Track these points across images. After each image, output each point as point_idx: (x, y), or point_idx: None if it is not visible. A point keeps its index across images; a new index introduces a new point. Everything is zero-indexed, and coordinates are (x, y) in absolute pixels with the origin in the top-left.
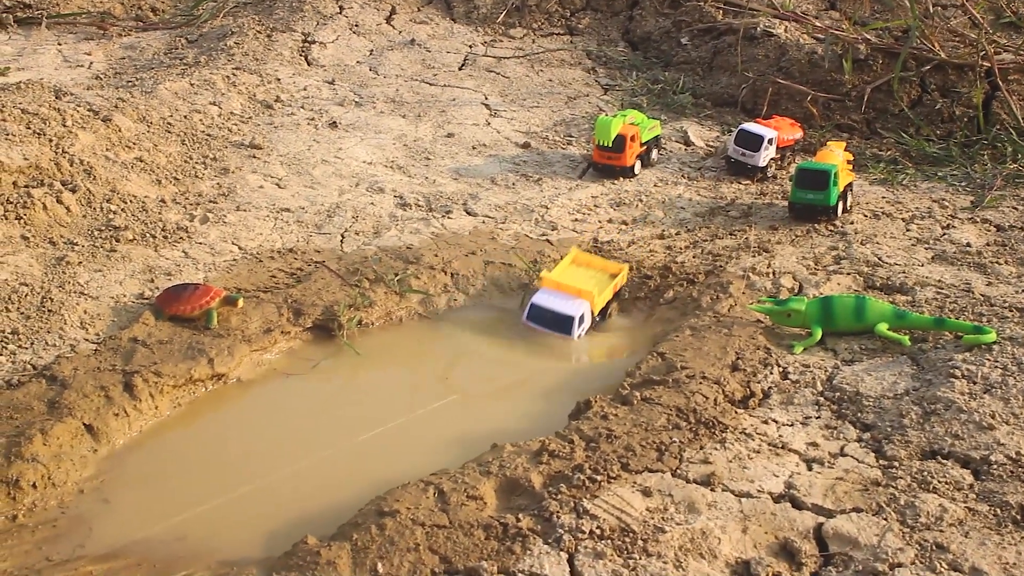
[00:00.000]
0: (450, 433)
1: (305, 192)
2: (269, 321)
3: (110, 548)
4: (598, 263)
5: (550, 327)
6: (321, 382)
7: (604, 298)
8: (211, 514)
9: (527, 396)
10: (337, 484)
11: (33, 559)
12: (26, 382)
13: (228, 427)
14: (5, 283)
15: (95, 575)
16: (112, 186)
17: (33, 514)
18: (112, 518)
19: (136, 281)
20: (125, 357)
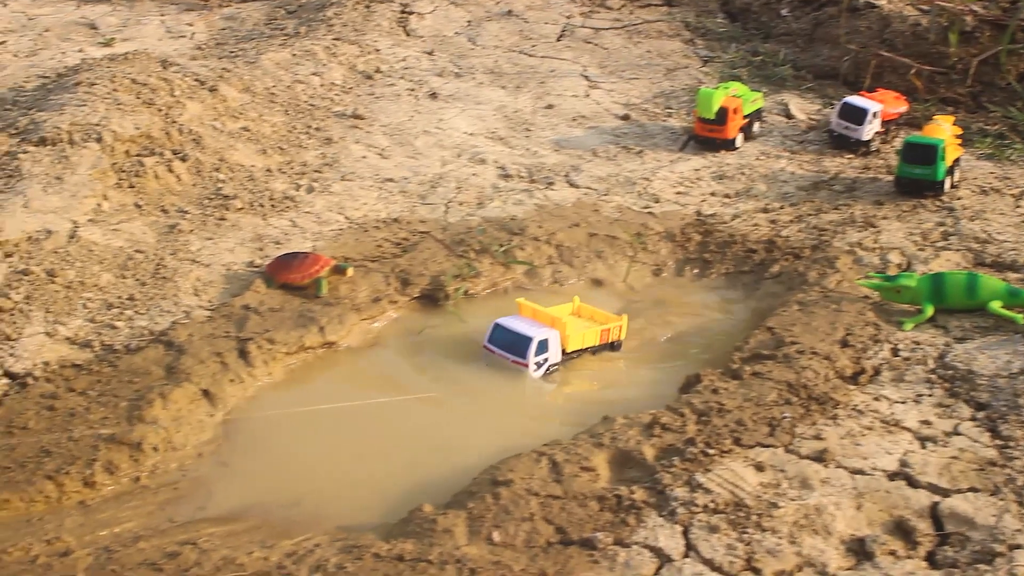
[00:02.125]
0: (559, 404)
1: (408, 162)
2: (377, 290)
3: (229, 511)
4: (600, 316)
5: (507, 351)
6: (430, 351)
7: (581, 338)
8: (326, 480)
9: (635, 368)
10: (448, 452)
11: (156, 520)
12: (144, 347)
13: (340, 394)
14: (121, 250)
15: (216, 536)
16: (220, 155)
17: (155, 476)
18: (230, 482)
19: (246, 249)
20: (238, 324)
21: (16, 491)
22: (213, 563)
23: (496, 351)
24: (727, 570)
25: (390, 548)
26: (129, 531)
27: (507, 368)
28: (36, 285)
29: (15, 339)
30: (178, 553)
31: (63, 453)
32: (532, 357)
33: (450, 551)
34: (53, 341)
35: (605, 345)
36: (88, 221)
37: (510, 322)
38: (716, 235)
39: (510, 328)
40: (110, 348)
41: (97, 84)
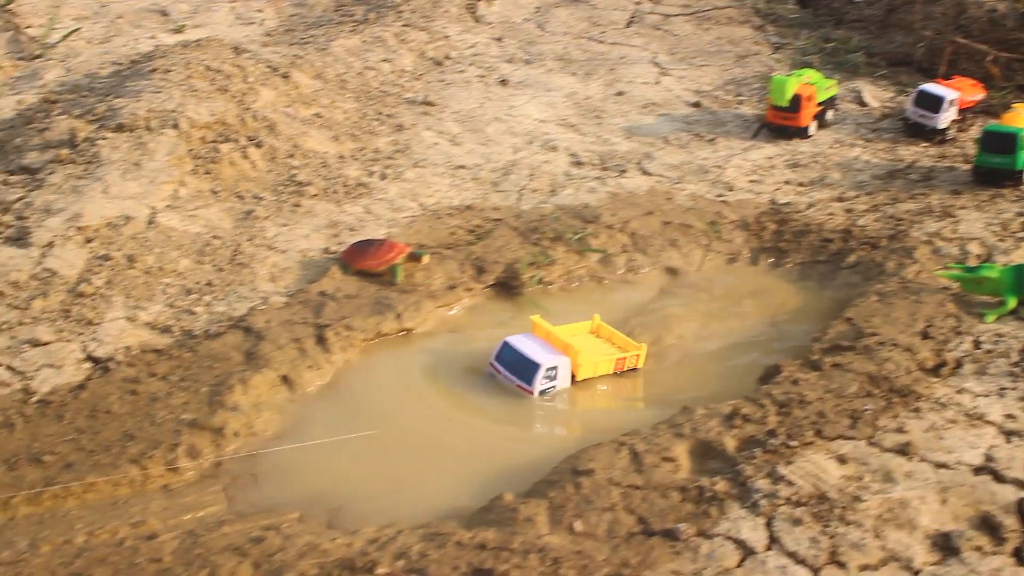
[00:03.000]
0: (637, 393)
1: (480, 149)
2: (452, 277)
3: (308, 496)
4: (619, 339)
5: (513, 373)
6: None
7: (594, 367)
8: (404, 467)
9: (713, 359)
10: (526, 440)
11: (239, 505)
12: (223, 333)
13: (416, 381)
14: (198, 236)
15: (299, 522)
16: (294, 142)
17: (236, 461)
18: (309, 468)
19: (321, 235)
20: (315, 310)
21: (102, 474)
22: (297, 549)
23: (501, 372)
24: (811, 563)
25: (472, 536)
26: (213, 515)
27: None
28: (116, 270)
29: (97, 324)
30: (262, 538)
31: (147, 437)
32: (539, 384)
33: (532, 540)
34: (134, 326)
35: (619, 375)
36: (166, 207)
37: (520, 342)
38: (791, 224)
39: (519, 349)
40: (189, 333)
41: (172, 71)
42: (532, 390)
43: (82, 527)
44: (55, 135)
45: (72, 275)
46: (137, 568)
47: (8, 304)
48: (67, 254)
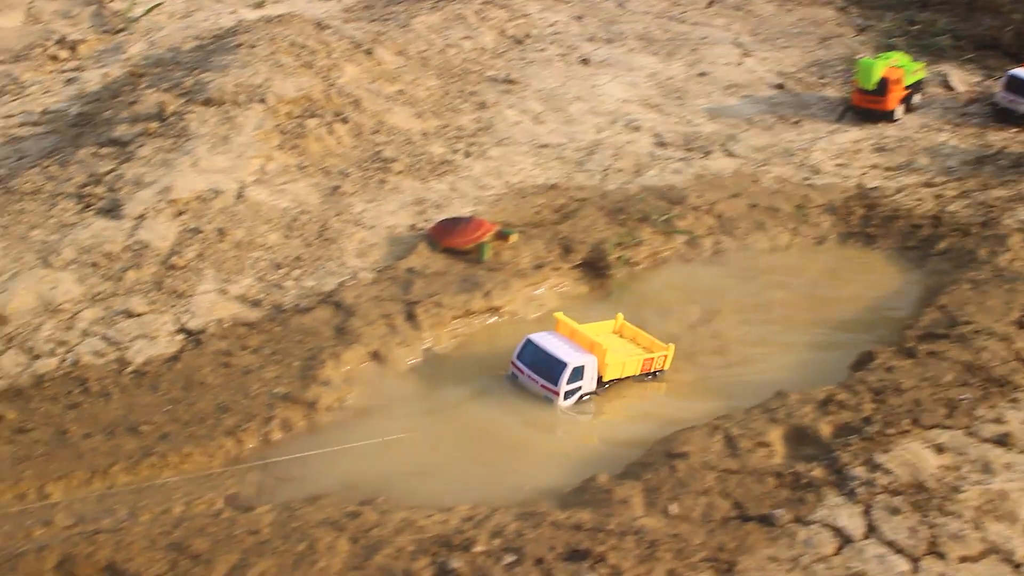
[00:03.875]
0: (727, 377)
1: (563, 128)
2: (539, 257)
3: (403, 473)
4: (644, 339)
5: (538, 373)
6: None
7: (621, 367)
8: (497, 446)
9: (803, 344)
10: (617, 421)
11: (332, 479)
12: (313, 307)
13: (506, 360)
14: (286, 211)
15: (394, 498)
16: (378, 118)
17: (329, 435)
18: (402, 444)
19: (407, 212)
20: (404, 287)
21: (198, 445)
22: (394, 524)
23: (525, 371)
24: (910, 553)
25: (567, 517)
26: (308, 489)
27: (670, 338)
28: (207, 244)
29: (189, 296)
30: (358, 514)
31: (241, 410)
32: (564, 385)
33: (628, 522)
34: (225, 299)
35: (646, 375)
36: (254, 181)
37: (544, 340)
38: (879, 209)
39: (543, 348)
40: (279, 307)
41: (257, 46)
42: (558, 391)
43: (180, 497)
44: (144, 108)
45: (164, 247)
46: (235, 540)
47: (102, 275)
48: (159, 226)
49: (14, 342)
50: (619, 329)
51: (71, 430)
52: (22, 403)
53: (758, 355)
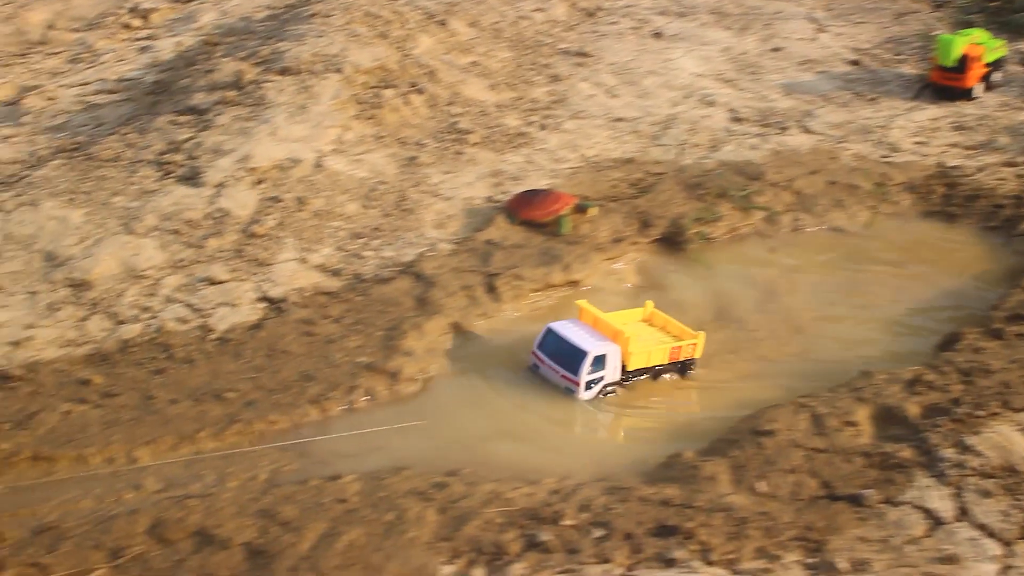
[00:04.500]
0: (814, 355)
1: (637, 102)
2: (618, 230)
3: (486, 444)
4: (674, 327)
5: (558, 363)
6: (672, 296)
7: (647, 356)
8: (580, 420)
9: (885, 323)
10: (698, 398)
11: (418, 450)
12: (393, 277)
13: None
14: (364, 181)
15: (480, 470)
16: (453, 89)
17: (411, 405)
18: (483, 416)
19: (484, 184)
20: (483, 258)
21: (284, 413)
22: (481, 496)
23: (545, 361)
24: (1003, 536)
25: (654, 492)
26: (395, 459)
27: (750, 317)
28: (287, 212)
29: (270, 264)
30: (445, 484)
31: (325, 379)
32: (585, 375)
33: (716, 499)
34: (305, 268)
35: (674, 365)
36: (332, 151)
37: (565, 329)
38: (960, 188)
39: (564, 337)
40: (359, 277)
41: (332, 16)
42: (578, 380)
43: (266, 464)
44: (221, 77)
45: (244, 215)
46: (323, 508)
47: (184, 242)
48: (239, 194)
49: (99, 307)
50: (648, 317)
51: (157, 396)
52: (108, 368)
53: (838, 333)
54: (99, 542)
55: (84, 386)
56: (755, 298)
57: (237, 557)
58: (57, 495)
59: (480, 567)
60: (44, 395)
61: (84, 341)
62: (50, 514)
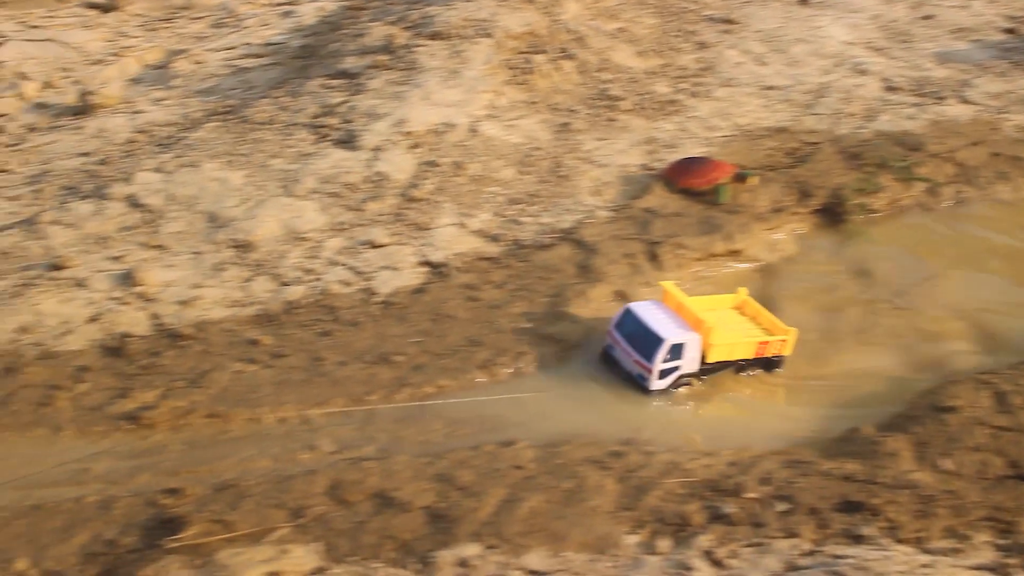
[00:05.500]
0: (988, 330)
1: (787, 70)
2: (777, 200)
3: (659, 417)
4: (765, 319)
5: (632, 346)
6: (833, 268)
7: (729, 349)
8: (751, 390)
9: None
10: (868, 371)
11: (590, 417)
12: (553, 244)
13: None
14: (518, 146)
15: (656, 439)
16: (602, 55)
17: (582, 370)
18: None
19: (638, 151)
20: (642, 226)
21: (452, 377)
22: (659, 466)
23: (620, 343)
24: None
25: (835, 467)
26: (567, 426)
27: (916, 290)
28: (444, 177)
29: (429, 229)
30: (622, 454)
31: (492, 344)
32: (659, 363)
33: (900, 475)
34: (464, 233)
35: (759, 361)
36: (485, 116)
37: (644, 311)
38: None
39: (642, 319)
40: (519, 243)
41: None
42: (651, 368)
43: (440, 428)
44: (371, 41)
45: (402, 179)
46: (499, 473)
47: (344, 205)
48: (396, 158)
49: (262, 268)
50: (740, 305)
51: (326, 357)
52: (275, 329)
53: (1013, 311)
54: (280, 501)
55: (253, 346)
56: (916, 269)
57: (418, 520)
58: (233, 453)
59: (665, 538)
60: (215, 354)
61: (250, 301)
62: (228, 471)
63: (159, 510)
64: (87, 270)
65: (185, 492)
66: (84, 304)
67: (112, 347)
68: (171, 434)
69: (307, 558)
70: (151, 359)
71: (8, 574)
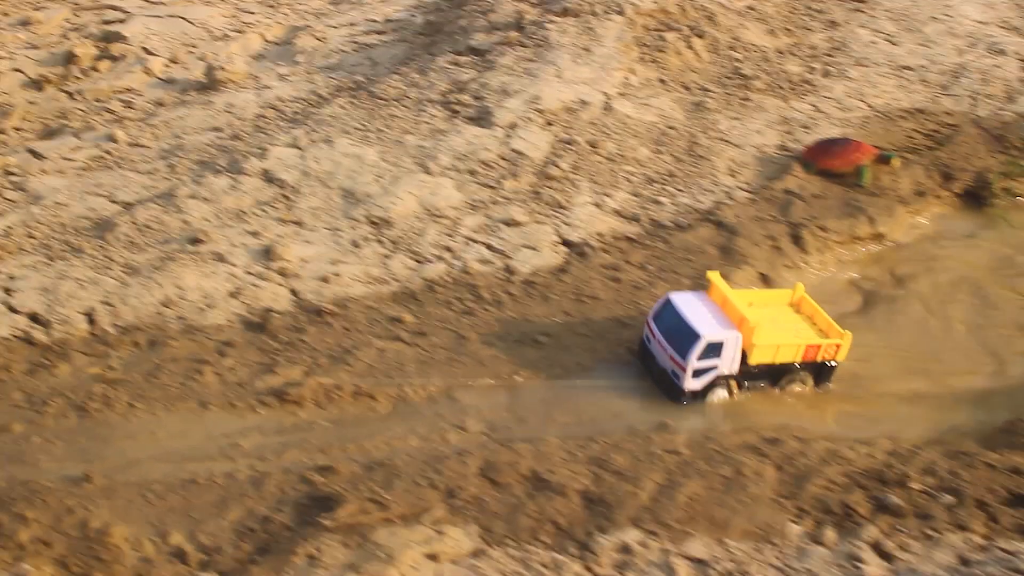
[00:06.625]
0: None
1: (921, 50)
2: (919, 183)
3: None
4: (821, 320)
5: (668, 340)
6: (975, 253)
7: (773, 351)
8: (911, 371)
9: None
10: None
11: (740, 409)
12: (693, 225)
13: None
14: (653, 125)
15: (813, 426)
16: (733, 33)
17: None
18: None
19: (774, 132)
20: (782, 208)
21: (599, 359)
22: (818, 454)
23: (656, 336)
24: None
25: (1000, 459)
26: (717, 410)
27: None
28: (580, 155)
29: (567, 207)
30: (778, 440)
31: (638, 325)
32: (694, 361)
33: None
34: (602, 212)
35: (809, 365)
36: (618, 94)
37: (686, 304)
38: None
39: (681, 313)
40: (658, 223)
41: None
42: (685, 366)
43: (589, 408)
44: (500, 17)
45: (538, 157)
46: (655, 458)
47: (480, 183)
48: (531, 136)
49: (400, 246)
50: (796, 303)
51: (469, 336)
52: (417, 306)
53: None
54: (432, 481)
55: (396, 324)
56: None
57: (575, 504)
58: (381, 431)
59: (830, 528)
60: (357, 331)
61: (390, 279)
62: (378, 450)
63: (311, 487)
64: (226, 244)
65: (337, 470)
66: (225, 278)
67: (255, 322)
68: (317, 411)
69: (464, 540)
70: (294, 335)
71: (165, 548)
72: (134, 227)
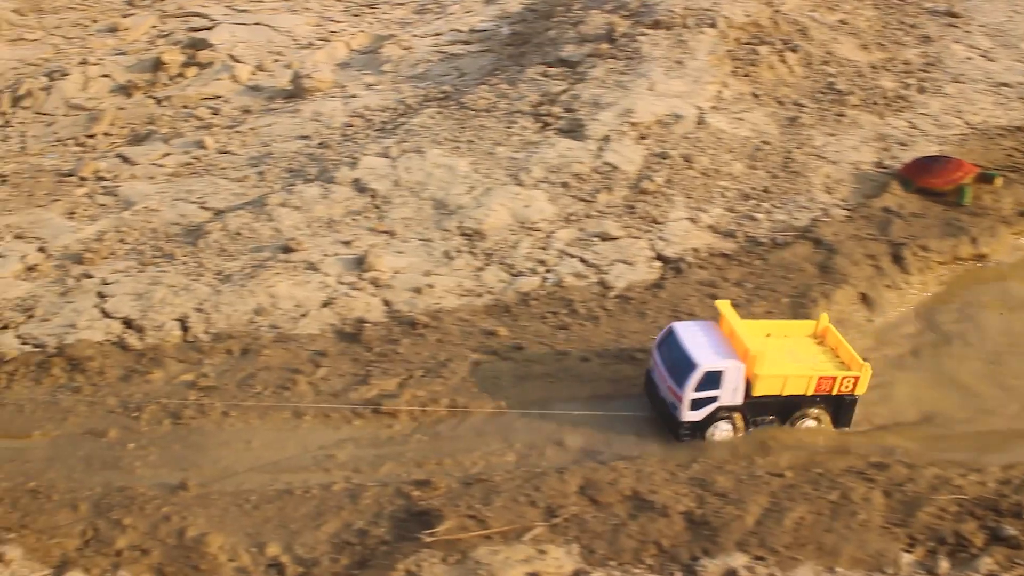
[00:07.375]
0: None
1: (1018, 67)
2: (1022, 203)
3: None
4: (844, 352)
5: (668, 371)
6: None
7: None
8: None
9: None
10: None
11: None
12: (791, 242)
13: (987, 315)
14: (747, 140)
15: (916, 448)
16: (826, 48)
17: None
18: (903, 390)
19: (870, 148)
20: (881, 227)
21: None
22: (927, 480)
23: (658, 366)
24: None
25: None
26: (823, 441)
27: None
28: (675, 169)
29: (662, 222)
30: (886, 465)
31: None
32: (690, 391)
33: None
34: (697, 228)
35: (825, 398)
36: (712, 108)
37: (687, 333)
38: None
39: (681, 342)
40: (754, 240)
41: None
42: (681, 396)
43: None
44: (591, 29)
45: (632, 171)
46: (760, 481)
47: (573, 196)
48: (624, 149)
49: (493, 258)
50: (820, 334)
51: (566, 351)
52: (511, 320)
53: None
54: (532, 499)
55: (490, 337)
56: None
57: (678, 526)
58: (478, 446)
59: (943, 558)
60: (452, 343)
61: (483, 291)
62: (475, 465)
63: (408, 501)
64: (318, 254)
65: (434, 484)
66: (317, 288)
67: (348, 332)
68: (412, 423)
69: (566, 560)
70: (387, 346)
71: (262, 559)
72: (225, 234)
